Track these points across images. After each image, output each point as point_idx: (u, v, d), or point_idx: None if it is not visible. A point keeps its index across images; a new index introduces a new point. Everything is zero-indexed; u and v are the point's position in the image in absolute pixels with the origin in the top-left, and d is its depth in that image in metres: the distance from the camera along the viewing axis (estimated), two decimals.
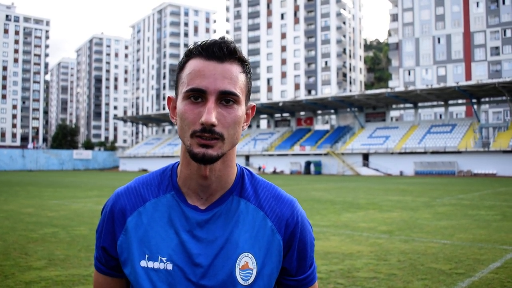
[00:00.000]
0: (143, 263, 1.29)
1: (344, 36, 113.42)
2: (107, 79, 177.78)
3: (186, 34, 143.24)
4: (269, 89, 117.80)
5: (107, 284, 1.39)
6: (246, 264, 1.28)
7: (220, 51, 1.22)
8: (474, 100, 64.82)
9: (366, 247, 9.08)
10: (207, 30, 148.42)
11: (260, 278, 1.30)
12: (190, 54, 1.26)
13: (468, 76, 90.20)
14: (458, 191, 27.58)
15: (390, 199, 21.18)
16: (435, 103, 71.36)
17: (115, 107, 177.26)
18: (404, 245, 9.40)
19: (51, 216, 14.08)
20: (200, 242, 1.28)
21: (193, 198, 1.33)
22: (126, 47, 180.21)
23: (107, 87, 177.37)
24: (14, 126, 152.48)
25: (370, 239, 10.16)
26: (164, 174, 1.39)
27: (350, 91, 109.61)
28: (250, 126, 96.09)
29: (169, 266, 1.27)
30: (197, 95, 1.20)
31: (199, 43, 1.26)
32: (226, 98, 1.21)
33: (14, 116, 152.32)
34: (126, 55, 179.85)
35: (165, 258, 1.28)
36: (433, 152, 61.38)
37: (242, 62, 1.27)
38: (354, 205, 18.42)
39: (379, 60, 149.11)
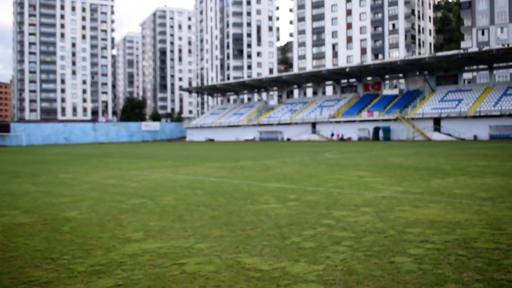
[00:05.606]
0: None
1: None
2: (172, 51, 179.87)
3: (248, 3, 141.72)
4: (335, 54, 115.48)
5: None
6: None
7: None
8: None
9: (472, 215, 8.41)
10: None
11: None
12: None
13: None
14: None
15: (476, 164, 20.07)
16: (511, 63, 67.70)
17: (180, 79, 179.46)
18: None
19: (135, 187, 14.11)
20: None
21: None
22: (189, 19, 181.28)
23: (172, 59, 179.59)
24: (84, 100, 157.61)
25: (473, 206, 9.44)
26: None
27: (419, 53, 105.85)
28: (315, 93, 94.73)
29: None
30: None
31: None
32: None
33: (84, 91, 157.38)
34: (189, 27, 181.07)
35: None
36: (510, 115, 58.47)
37: None
38: (439, 171, 17.53)
39: (448, 20, 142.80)
